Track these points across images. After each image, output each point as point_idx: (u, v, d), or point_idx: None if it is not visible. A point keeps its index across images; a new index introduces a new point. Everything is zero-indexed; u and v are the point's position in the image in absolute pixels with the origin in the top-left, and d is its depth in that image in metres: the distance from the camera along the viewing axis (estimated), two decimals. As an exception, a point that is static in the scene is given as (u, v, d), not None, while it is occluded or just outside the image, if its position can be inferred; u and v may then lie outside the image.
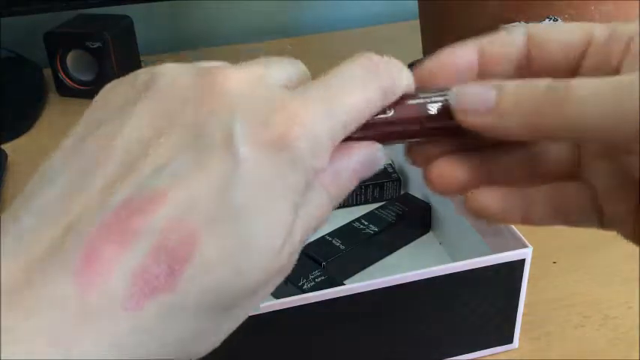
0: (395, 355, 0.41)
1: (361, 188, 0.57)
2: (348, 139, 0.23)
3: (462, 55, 0.25)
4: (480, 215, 0.25)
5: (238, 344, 0.38)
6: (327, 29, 0.98)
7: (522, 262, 0.40)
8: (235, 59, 0.24)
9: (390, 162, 0.60)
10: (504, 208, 0.25)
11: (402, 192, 0.59)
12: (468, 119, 0.23)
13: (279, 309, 0.36)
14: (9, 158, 0.67)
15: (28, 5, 0.79)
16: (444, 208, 0.52)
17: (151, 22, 0.94)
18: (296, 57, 0.25)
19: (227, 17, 0.98)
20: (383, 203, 0.55)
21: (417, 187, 0.57)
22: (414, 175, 0.58)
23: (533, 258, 0.40)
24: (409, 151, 0.26)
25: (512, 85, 0.23)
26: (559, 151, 0.26)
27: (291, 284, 0.45)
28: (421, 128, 0.24)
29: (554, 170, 0.26)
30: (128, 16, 0.85)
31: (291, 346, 0.39)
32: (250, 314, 0.36)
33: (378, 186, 0.58)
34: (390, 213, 0.53)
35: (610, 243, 0.53)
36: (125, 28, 0.83)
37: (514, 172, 0.26)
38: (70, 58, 0.80)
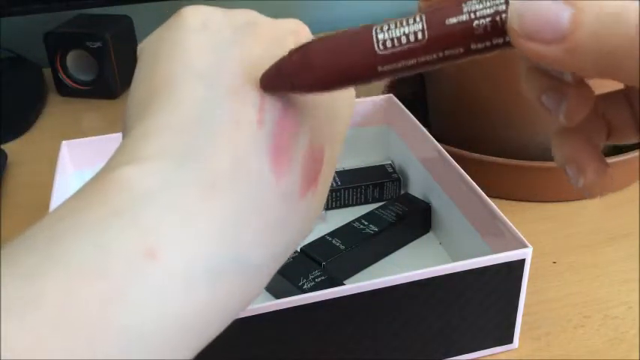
0: (395, 355, 0.41)
1: (361, 188, 0.57)
2: (377, 74, 0.21)
3: None
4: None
5: (238, 344, 0.38)
6: (328, 29, 0.98)
7: (522, 262, 0.40)
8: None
9: (390, 162, 0.60)
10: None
11: (402, 192, 0.58)
12: (529, 46, 0.18)
13: (279, 309, 0.36)
14: (9, 158, 0.67)
15: (28, 5, 0.79)
16: (444, 208, 0.52)
17: (151, 22, 0.94)
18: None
19: (227, 17, 0.98)
20: (383, 203, 0.55)
21: (417, 187, 0.57)
22: (414, 175, 0.58)
23: (533, 258, 0.40)
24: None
25: (595, 6, 0.17)
26: None
27: (291, 284, 0.45)
28: (465, 51, 0.19)
29: None
30: (128, 16, 0.85)
31: (291, 346, 0.39)
32: (250, 314, 0.36)
33: (378, 186, 0.58)
34: (390, 213, 0.53)
35: (610, 243, 0.53)
36: (125, 28, 0.83)
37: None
38: (70, 58, 0.80)
